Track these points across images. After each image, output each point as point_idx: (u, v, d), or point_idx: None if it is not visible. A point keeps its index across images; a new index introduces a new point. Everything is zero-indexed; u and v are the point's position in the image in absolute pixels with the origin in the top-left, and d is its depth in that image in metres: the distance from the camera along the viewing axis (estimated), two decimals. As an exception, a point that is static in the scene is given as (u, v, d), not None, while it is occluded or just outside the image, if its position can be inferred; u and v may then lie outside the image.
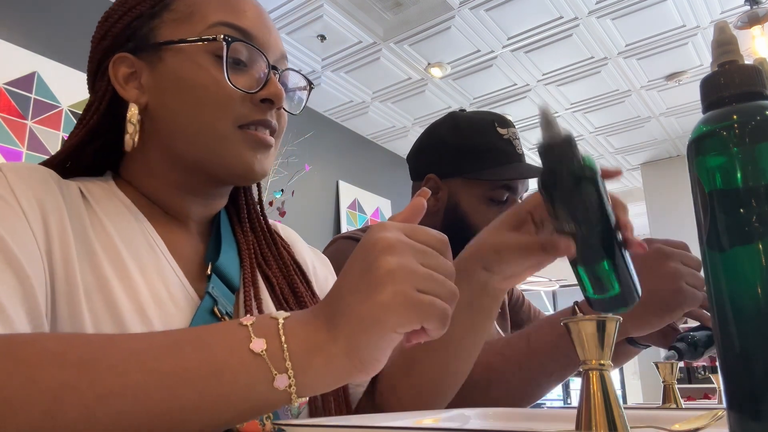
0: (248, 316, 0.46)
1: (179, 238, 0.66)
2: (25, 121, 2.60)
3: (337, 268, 0.83)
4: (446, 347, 0.66)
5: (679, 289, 0.70)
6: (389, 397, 0.70)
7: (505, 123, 1.15)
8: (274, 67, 0.65)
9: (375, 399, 0.72)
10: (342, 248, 1.08)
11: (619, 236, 0.47)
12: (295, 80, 0.71)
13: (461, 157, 1.13)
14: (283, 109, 0.66)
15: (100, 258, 0.56)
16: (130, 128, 0.62)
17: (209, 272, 0.63)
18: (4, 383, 0.36)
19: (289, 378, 0.42)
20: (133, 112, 0.62)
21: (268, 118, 0.63)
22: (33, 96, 2.65)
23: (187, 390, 0.40)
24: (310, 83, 0.72)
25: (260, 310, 0.64)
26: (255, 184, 0.74)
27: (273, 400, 0.42)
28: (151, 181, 0.66)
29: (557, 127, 0.43)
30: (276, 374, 0.42)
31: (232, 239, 0.70)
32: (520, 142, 1.17)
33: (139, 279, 0.57)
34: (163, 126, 0.63)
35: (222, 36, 0.61)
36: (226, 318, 0.60)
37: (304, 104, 0.72)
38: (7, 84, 2.56)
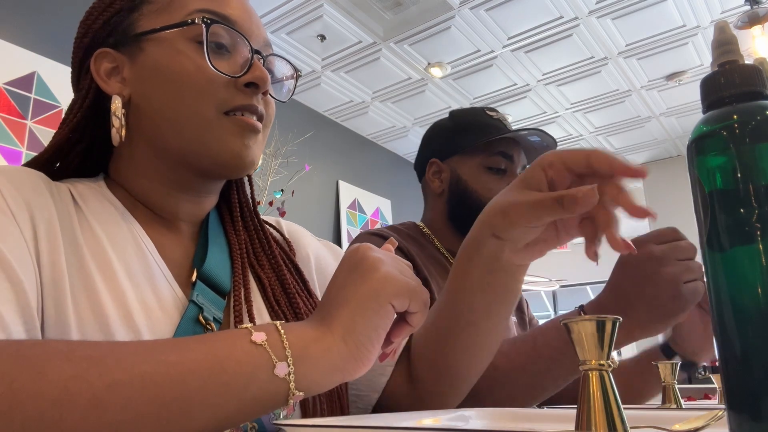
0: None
1: (170, 240, 0.64)
2: (25, 121, 2.60)
3: None
4: (465, 331, 0.65)
5: (677, 295, 0.71)
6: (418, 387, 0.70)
7: (494, 110, 1.30)
8: (258, 52, 0.63)
9: (407, 390, 0.71)
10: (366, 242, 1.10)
11: None
12: (282, 69, 0.70)
13: (456, 135, 1.28)
14: (270, 96, 0.65)
15: (88, 262, 0.55)
16: (115, 122, 0.60)
17: (194, 279, 0.62)
18: (14, 377, 0.37)
19: (289, 366, 0.44)
20: (117, 105, 0.61)
21: (254, 103, 0.62)
22: (33, 96, 2.65)
23: (193, 379, 0.41)
24: (296, 70, 0.70)
25: (250, 313, 0.63)
26: (247, 181, 0.73)
27: (273, 389, 0.44)
28: (140, 180, 0.64)
29: None
30: (276, 362, 0.44)
31: (223, 240, 0.69)
32: (510, 124, 1.30)
33: (127, 284, 0.56)
34: (147, 118, 0.62)
35: (201, 18, 0.60)
36: (213, 324, 0.59)
37: (292, 92, 0.71)
38: (6, 84, 2.56)
